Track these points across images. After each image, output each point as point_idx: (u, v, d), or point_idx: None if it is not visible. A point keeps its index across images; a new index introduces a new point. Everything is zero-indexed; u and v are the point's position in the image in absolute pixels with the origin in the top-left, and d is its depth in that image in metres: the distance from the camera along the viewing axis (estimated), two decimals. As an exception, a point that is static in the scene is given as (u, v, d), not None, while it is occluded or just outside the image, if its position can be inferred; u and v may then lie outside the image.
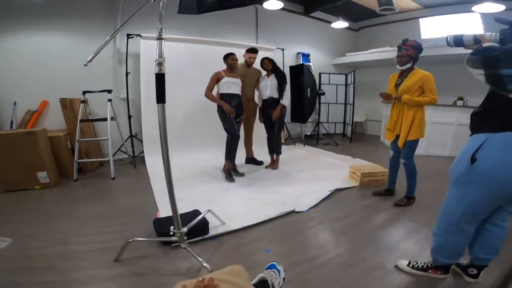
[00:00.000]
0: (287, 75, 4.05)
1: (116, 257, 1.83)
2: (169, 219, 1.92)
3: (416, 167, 2.69)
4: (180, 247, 1.84)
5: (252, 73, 3.89)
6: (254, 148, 4.26)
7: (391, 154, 2.87)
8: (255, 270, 1.48)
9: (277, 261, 1.46)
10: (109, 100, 3.79)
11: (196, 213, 2.25)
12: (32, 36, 3.82)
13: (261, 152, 4.24)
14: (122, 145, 4.29)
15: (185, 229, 1.83)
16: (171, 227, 1.81)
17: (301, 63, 6.01)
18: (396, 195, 2.99)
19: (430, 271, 1.68)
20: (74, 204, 2.83)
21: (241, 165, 4.04)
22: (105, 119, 3.70)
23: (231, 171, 3.59)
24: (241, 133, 3.75)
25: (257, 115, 4.06)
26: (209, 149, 4.53)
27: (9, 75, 3.76)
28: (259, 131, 4.20)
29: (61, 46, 4.02)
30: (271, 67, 3.72)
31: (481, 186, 1.34)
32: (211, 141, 4.57)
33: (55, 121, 3.97)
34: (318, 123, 6.34)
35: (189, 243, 1.90)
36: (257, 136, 4.25)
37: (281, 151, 4.01)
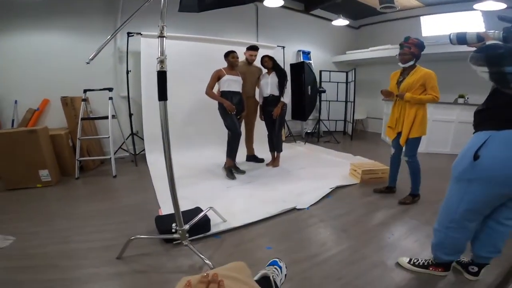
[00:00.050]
0: (287, 72, 4.04)
1: (118, 255, 1.84)
2: (171, 217, 1.93)
3: (419, 165, 2.69)
4: (182, 245, 1.85)
5: (253, 71, 3.89)
6: (255, 145, 4.27)
7: (392, 151, 2.87)
8: (257, 267, 1.48)
9: (279, 258, 1.46)
10: (110, 98, 3.79)
11: (197, 210, 2.26)
12: (32, 35, 3.82)
13: (262, 149, 4.24)
14: (123, 143, 4.30)
15: (187, 227, 1.84)
16: (173, 225, 1.82)
17: (302, 60, 5.99)
18: (396, 192, 2.99)
19: (430, 268, 1.68)
20: (75, 202, 2.84)
21: (242, 162, 4.05)
22: (106, 117, 3.70)
23: (232, 168, 3.60)
24: (242, 130, 3.76)
25: (258, 113, 4.06)
26: (210, 147, 4.54)
27: (10, 74, 3.77)
28: (260, 128, 4.20)
29: (62, 44, 4.02)
30: (272, 65, 3.72)
31: (484, 183, 1.34)
32: (212, 139, 4.57)
33: (56, 119, 3.98)
34: (318, 121, 6.34)
35: (191, 240, 1.90)
36: (258, 133, 4.25)
37: (281, 149, 4.01)
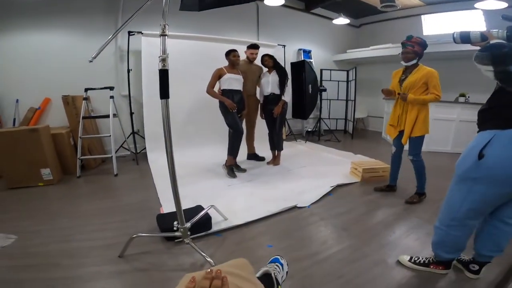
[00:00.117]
0: (288, 71, 4.04)
1: (120, 253, 1.85)
2: (172, 215, 1.94)
3: (424, 163, 2.68)
4: (183, 243, 1.85)
5: (253, 69, 3.89)
6: (255, 144, 4.27)
7: (393, 150, 2.87)
8: (258, 265, 1.48)
9: (280, 255, 1.47)
10: (111, 97, 3.79)
11: (199, 208, 2.27)
12: (33, 34, 3.82)
13: (263, 148, 4.25)
14: (124, 141, 4.31)
15: (188, 225, 1.84)
16: (175, 223, 1.82)
17: (303, 59, 5.99)
18: (397, 191, 2.99)
19: (431, 267, 1.68)
20: (77, 201, 2.85)
21: (242, 161, 4.05)
22: (107, 116, 3.71)
23: (233, 167, 3.60)
24: (243, 129, 3.75)
25: (259, 111, 4.06)
26: (210, 146, 4.54)
27: (11, 73, 3.77)
28: (260, 127, 4.20)
29: (63, 44, 4.03)
30: (272, 64, 3.72)
31: (488, 182, 1.33)
32: (212, 138, 4.57)
33: (57, 118, 3.98)
34: (319, 119, 6.34)
35: (192, 238, 1.90)
36: (258, 132, 4.25)
37: (282, 147, 4.02)
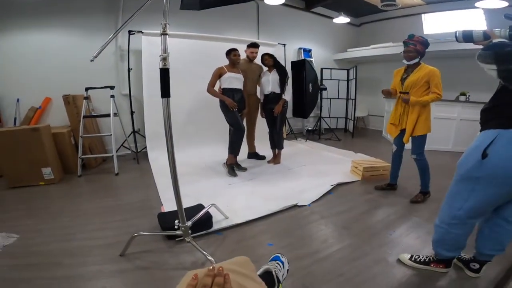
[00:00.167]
0: (288, 70, 4.03)
1: (121, 252, 1.85)
2: (173, 214, 1.95)
3: (427, 162, 2.68)
4: (184, 241, 1.85)
5: (254, 68, 3.89)
6: (256, 143, 4.27)
7: (394, 148, 2.86)
8: (259, 263, 1.48)
9: (281, 253, 1.47)
10: (112, 96, 3.79)
11: (199, 207, 2.27)
12: (33, 33, 3.82)
13: (263, 147, 4.25)
14: (125, 140, 4.31)
15: (189, 223, 1.85)
16: (176, 221, 1.83)
17: (303, 58, 5.99)
18: (398, 189, 3.00)
19: (432, 265, 1.69)
20: (78, 200, 2.85)
21: (243, 160, 4.05)
22: (108, 115, 3.71)
23: (234, 165, 3.61)
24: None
25: (259, 110, 4.06)
26: (211, 145, 4.54)
27: (11, 73, 3.78)
28: (261, 126, 4.21)
29: (63, 43, 4.03)
30: (272, 63, 3.72)
31: (491, 181, 1.33)
32: (213, 137, 4.58)
33: (58, 117, 3.99)
34: (320, 118, 6.34)
35: (193, 237, 1.91)
36: (259, 131, 4.26)
37: (283, 146, 4.02)
